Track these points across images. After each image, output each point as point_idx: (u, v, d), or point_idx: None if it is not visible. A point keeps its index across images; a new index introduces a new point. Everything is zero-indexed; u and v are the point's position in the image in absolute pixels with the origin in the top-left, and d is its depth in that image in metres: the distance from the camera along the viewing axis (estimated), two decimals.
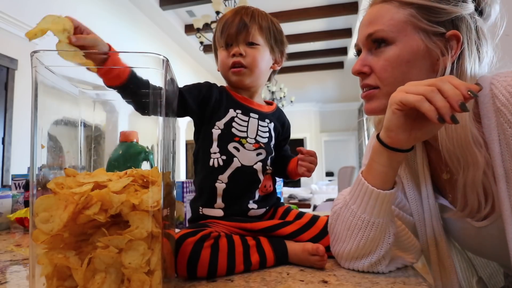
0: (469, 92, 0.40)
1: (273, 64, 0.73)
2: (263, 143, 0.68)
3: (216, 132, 0.65)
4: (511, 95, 0.47)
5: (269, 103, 0.76)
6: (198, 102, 0.65)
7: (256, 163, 0.66)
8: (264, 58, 0.69)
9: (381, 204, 0.50)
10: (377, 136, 0.50)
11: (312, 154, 0.70)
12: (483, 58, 0.53)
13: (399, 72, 0.54)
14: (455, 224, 0.61)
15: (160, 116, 0.39)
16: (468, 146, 0.49)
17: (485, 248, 0.62)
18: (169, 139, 0.44)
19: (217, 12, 3.18)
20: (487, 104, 0.50)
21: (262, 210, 0.68)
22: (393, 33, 0.53)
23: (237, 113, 0.67)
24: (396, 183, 0.53)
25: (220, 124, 0.66)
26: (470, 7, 0.52)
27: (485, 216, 0.54)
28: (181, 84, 0.62)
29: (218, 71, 0.73)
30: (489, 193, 0.52)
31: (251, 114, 0.68)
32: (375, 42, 0.56)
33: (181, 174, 5.97)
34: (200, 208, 0.65)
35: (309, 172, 0.69)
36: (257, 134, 0.68)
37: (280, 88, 6.68)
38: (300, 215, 0.66)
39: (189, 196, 0.97)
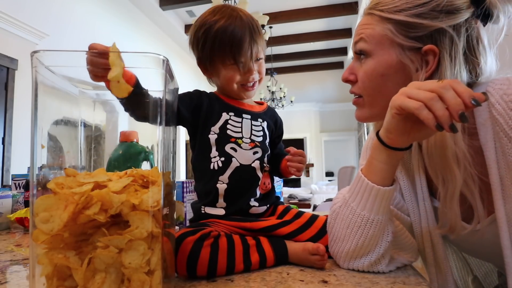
0: (472, 101, 0.39)
1: None
2: (258, 141, 0.69)
3: (212, 137, 0.66)
4: (507, 104, 0.47)
5: (259, 103, 0.77)
6: (191, 110, 0.66)
7: (253, 161, 0.67)
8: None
9: (380, 201, 0.50)
10: (377, 134, 0.50)
11: (300, 154, 0.70)
12: (482, 66, 0.52)
13: (375, 84, 0.56)
14: None
15: (160, 116, 0.39)
16: (448, 163, 0.50)
17: (479, 249, 0.62)
18: (169, 139, 0.44)
19: None
20: (483, 112, 0.50)
21: (264, 208, 0.68)
22: (371, 46, 0.55)
23: (230, 116, 0.68)
24: (395, 180, 0.53)
25: (215, 129, 0.66)
26: (461, 16, 0.50)
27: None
28: (180, 83, 0.62)
29: (212, 83, 0.73)
30: (474, 210, 0.52)
31: (244, 115, 0.69)
32: (357, 53, 0.58)
33: (181, 174, 5.96)
34: (202, 207, 0.66)
35: (298, 172, 0.70)
36: (251, 134, 0.69)
37: (280, 88, 6.68)
38: (299, 214, 0.67)
39: (189, 196, 0.97)
